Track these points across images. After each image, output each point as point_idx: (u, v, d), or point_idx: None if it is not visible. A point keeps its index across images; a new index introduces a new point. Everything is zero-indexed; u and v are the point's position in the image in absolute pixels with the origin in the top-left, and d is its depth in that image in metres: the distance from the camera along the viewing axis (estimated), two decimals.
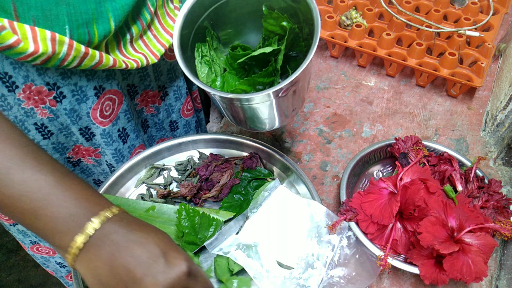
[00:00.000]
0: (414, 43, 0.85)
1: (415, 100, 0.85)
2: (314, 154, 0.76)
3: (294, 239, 0.58)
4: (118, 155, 0.70)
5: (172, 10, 0.63)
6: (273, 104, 0.52)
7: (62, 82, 0.55)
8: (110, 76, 0.61)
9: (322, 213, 0.60)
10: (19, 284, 1.55)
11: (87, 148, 0.68)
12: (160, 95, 0.76)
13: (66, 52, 0.48)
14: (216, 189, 0.65)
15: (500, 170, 0.73)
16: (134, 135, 0.72)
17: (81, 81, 0.57)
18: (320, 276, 0.55)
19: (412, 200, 0.57)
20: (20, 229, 0.75)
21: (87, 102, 0.60)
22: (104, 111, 0.63)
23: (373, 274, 0.56)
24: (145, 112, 0.76)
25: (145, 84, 0.70)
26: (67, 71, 0.55)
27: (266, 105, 0.52)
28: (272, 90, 0.48)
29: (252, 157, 0.68)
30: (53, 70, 0.53)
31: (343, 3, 0.95)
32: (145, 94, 0.72)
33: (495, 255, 0.63)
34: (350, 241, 0.58)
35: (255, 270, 0.55)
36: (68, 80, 0.56)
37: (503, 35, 0.97)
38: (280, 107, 0.54)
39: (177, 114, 0.82)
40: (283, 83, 0.48)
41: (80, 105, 0.60)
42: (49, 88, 0.55)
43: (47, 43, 0.46)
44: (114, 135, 0.67)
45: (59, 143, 0.63)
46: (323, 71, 0.91)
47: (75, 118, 0.61)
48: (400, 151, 0.67)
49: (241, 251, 0.56)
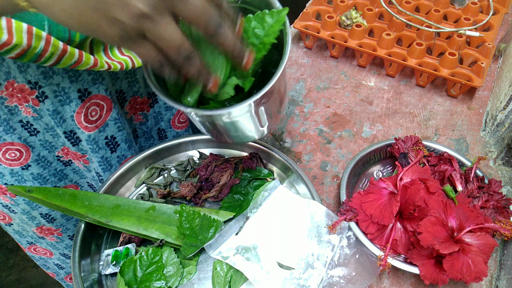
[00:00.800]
0: (414, 43, 0.85)
1: (415, 100, 0.85)
2: (314, 154, 0.76)
3: (294, 239, 0.58)
4: (106, 163, 0.70)
5: None
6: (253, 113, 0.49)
7: (43, 82, 0.54)
8: (96, 80, 0.60)
9: (322, 213, 0.60)
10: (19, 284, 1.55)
11: (75, 152, 0.67)
12: (149, 102, 0.74)
13: (43, 47, 0.46)
14: (216, 189, 0.65)
15: (500, 170, 0.73)
16: (126, 145, 0.71)
17: (64, 82, 0.56)
18: (320, 276, 0.55)
19: (412, 200, 0.57)
20: (15, 229, 0.75)
21: (71, 105, 0.59)
22: (89, 115, 0.62)
23: (373, 274, 0.56)
24: (134, 121, 0.75)
25: (133, 90, 0.69)
26: (48, 71, 0.54)
27: (247, 116, 0.49)
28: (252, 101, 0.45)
29: (252, 157, 0.68)
30: (34, 69, 0.53)
31: (343, 3, 0.95)
32: (133, 101, 0.71)
33: (495, 255, 0.63)
34: (350, 241, 0.58)
35: (254, 273, 0.55)
36: (50, 80, 0.55)
37: (503, 35, 0.97)
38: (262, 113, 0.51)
39: (167, 123, 0.80)
40: (258, 93, 0.45)
41: (63, 107, 0.59)
42: (31, 87, 0.54)
43: (23, 35, 0.44)
44: (101, 142, 0.66)
45: (46, 141, 0.63)
46: (323, 71, 0.91)
47: (58, 120, 0.60)
48: (400, 151, 0.67)
49: (240, 255, 0.56)
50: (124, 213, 0.60)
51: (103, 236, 0.62)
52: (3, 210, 0.69)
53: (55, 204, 0.59)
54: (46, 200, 0.59)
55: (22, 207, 0.68)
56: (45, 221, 0.73)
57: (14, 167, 0.62)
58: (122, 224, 0.59)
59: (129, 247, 0.59)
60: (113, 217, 0.59)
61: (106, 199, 0.61)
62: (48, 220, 0.73)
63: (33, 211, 0.70)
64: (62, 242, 0.80)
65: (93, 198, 0.61)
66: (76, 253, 0.56)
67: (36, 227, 0.73)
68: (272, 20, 0.46)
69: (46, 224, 0.73)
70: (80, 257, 0.56)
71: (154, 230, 0.59)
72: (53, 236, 0.78)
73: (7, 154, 0.60)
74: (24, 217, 0.70)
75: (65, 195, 0.60)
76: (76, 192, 0.61)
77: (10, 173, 0.62)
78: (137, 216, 0.60)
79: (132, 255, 0.58)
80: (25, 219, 0.71)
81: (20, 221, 0.72)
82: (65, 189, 0.62)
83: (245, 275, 0.54)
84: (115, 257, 0.58)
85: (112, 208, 0.60)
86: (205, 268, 0.58)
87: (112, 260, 0.57)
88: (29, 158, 0.62)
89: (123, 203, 0.62)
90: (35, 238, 0.78)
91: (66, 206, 0.59)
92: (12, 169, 0.62)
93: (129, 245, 0.59)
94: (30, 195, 0.58)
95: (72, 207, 0.59)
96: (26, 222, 0.72)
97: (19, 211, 0.69)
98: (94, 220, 0.58)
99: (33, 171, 0.64)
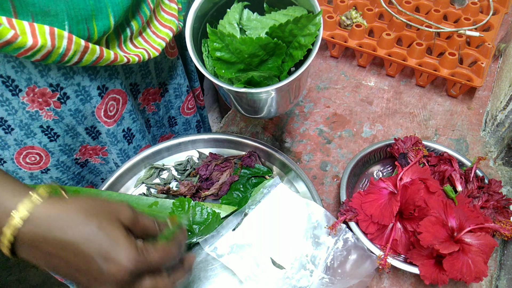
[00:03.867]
0: (414, 43, 0.85)
1: (415, 100, 0.85)
2: (314, 154, 0.76)
3: (289, 239, 0.58)
4: (123, 155, 0.70)
5: (168, 5, 0.63)
6: (275, 97, 0.57)
7: (65, 83, 0.55)
8: (112, 76, 0.60)
9: (320, 214, 0.60)
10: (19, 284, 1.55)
11: (94, 147, 0.68)
12: (160, 91, 0.76)
13: (66, 46, 0.48)
14: (215, 187, 0.65)
15: (500, 170, 0.73)
16: (140, 135, 0.72)
17: (84, 80, 0.57)
18: (312, 277, 0.55)
19: (412, 200, 0.57)
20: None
21: (91, 102, 0.60)
22: (108, 111, 0.63)
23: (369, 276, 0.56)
24: (147, 112, 0.76)
25: (146, 82, 0.70)
26: (69, 71, 0.54)
27: (270, 97, 0.56)
28: (276, 87, 0.52)
29: (251, 155, 0.68)
30: (55, 71, 0.53)
31: (343, 3, 0.95)
32: (146, 93, 0.72)
33: (495, 255, 0.63)
34: (347, 243, 0.58)
35: (247, 272, 0.55)
36: (71, 80, 0.56)
37: (503, 35, 0.97)
38: (282, 98, 0.59)
39: (176, 111, 0.82)
40: (285, 80, 0.52)
41: (84, 105, 0.60)
42: (52, 90, 0.55)
43: (46, 37, 0.46)
44: (119, 136, 0.67)
45: (66, 144, 0.63)
46: (323, 71, 0.91)
47: (80, 118, 0.61)
48: (400, 151, 0.67)
49: (235, 253, 0.56)
50: None
51: None
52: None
53: None
54: None
55: None
56: None
57: (34, 170, 0.62)
58: None
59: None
60: None
61: (109, 196, 0.61)
62: None
63: None
64: None
65: (96, 195, 0.61)
66: None
67: None
68: (310, 25, 0.53)
69: None
70: None
71: None
72: None
73: (27, 158, 0.61)
74: None
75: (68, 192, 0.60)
76: (79, 189, 0.61)
77: (29, 177, 0.63)
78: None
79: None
80: None
81: None
82: (68, 186, 0.62)
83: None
84: None
85: None
86: (205, 268, 0.58)
87: None
88: (48, 162, 0.63)
89: (125, 199, 0.62)
90: None
91: None
92: (32, 173, 0.62)
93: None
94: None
95: None
96: None
97: None
98: None
99: (52, 174, 0.64)
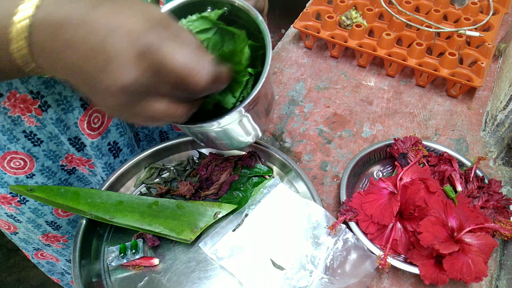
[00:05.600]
0: (414, 43, 0.85)
1: (415, 100, 0.85)
2: (314, 154, 0.76)
3: (289, 239, 0.58)
4: (109, 169, 0.69)
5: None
6: (243, 120, 0.50)
7: (45, 91, 0.54)
8: None
9: (320, 214, 0.60)
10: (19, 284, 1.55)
11: (80, 158, 0.67)
12: None
13: None
14: (215, 187, 0.65)
15: (500, 170, 0.73)
16: (128, 150, 0.71)
17: (65, 91, 0.56)
18: (312, 277, 0.55)
19: (412, 200, 0.57)
20: (21, 237, 0.75)
21: (74, 113, 0.59)
22: (92, 123, 0.62)
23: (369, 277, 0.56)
24: (135, 125, 0.74)
25: None
26: (50, 80, 0.54)
27: (236, 123, 0.50)
28: (239, 108, 0.46)
29: (251, 156, 0.68)
30: (35, 79, 0.52)
31: (343, 3, 0.96)
32: None
33: (495, 255, 0.63)
34: (347, 243, 0.58)
35: (247, 273, 0.55)
36: (52, 89, 0.55)
37: (503, 35, 0.97)
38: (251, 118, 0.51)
39: (168, 125, 0.80)
40: (242, 103, 0.46)
41: (66, 115, 0.58)
42: (33, 97, 0.54)
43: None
44: (104, 149, 0.66)
45: (50, 150, 0.62)
46: (323, 71, 0.91)
47: (62, 128, 0.60)
48: (399, 151, 0.67)
49: (235, 257, 0.56)
50: (127, 209, 0.60)
51: (103, 236, 0.62)
52: (8, 220, 0.68)
53: (58, 203, 0.59)
54: (48, 198, 0.58)
55: (27, 215, 0.67)
56: (50, 228, 0.72)
57: (19, 175, 0.62)
58: (126, 220, 0.59)
59: (137, 241, 0.59)
60: (117, 214, 0.59)
61: (108, 196, 0.61)
62: (54, 228, 0.73)
63: (38, 219, 0.69)
64: (68, 248, 0.80)
65: (96, 195, 0.61)
66: (76, 253, 0.56)
67: (41, 234, 0.73)
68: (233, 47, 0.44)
69: (52, 231, 0.73)
70: (80, 257, 0.56)
71: (158, 225, 0.59)
72: (59, 243, 0.77)
73: (11, 162, 0.60)
74: (30, 226, 0.70)
75: (67, 193, 0.60)
76: (78, 190, 0.61)
77: (15, 181, 0.62)
78: (141, 212, 0.60)
79: (140, 247, 0.58)
80: (31, 228, 0.70)
81: (25, 229, 0.71)
82: (68, 187, 0.62)
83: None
84: (123, 249, 0.58)
85: (115, 204, 0.60)
86: (205, 268, 0.58)
87: (120, 253, 0.58)
88: (33, 167, 0.62)
89: (125, 199, 0.62)
90: (41, 245, 0.77)
91: (69, 204, 0.59)
92: (17, 178, 0.62)
93: (137, 239, 0.59)
94: (32, 194, 0.58)
95: (75, 205, 0.59)
96: (31, 230, 0.71)
97: (24, 220, 0.68)
98: (98, 217, 0.58)
99: (38, 180, 0.63)
